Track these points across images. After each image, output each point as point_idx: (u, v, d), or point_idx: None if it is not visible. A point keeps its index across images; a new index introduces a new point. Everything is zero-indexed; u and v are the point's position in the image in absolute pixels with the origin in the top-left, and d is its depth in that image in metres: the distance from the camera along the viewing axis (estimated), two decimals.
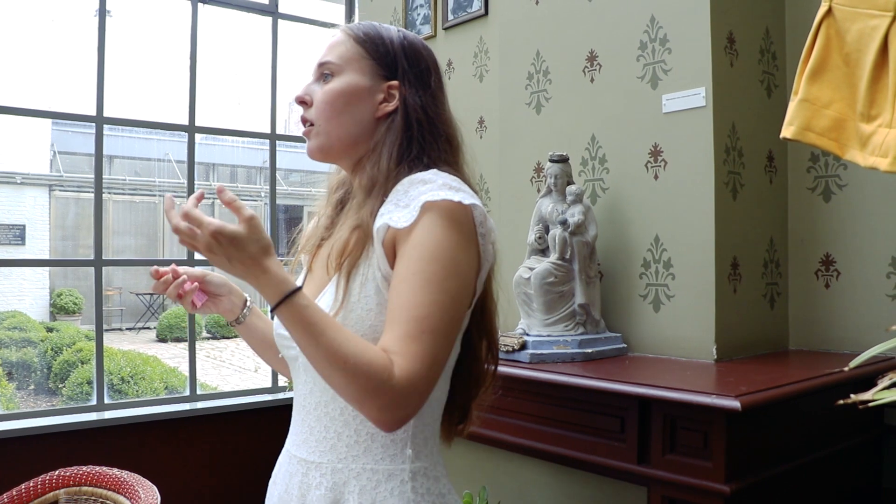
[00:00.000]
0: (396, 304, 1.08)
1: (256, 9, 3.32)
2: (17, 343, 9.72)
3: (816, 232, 2.19)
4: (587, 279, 2.10)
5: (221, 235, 1.01)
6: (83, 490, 1.83)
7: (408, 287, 1.07)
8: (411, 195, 1.13)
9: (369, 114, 1.24)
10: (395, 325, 1.06)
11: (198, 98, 3.10)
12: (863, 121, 1.33)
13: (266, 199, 15.01)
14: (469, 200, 1.12)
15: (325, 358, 1.03)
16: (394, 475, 1.16)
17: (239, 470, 3.00)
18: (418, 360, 1.04)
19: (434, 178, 1.15)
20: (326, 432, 1.19)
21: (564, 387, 1.82)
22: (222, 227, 1.01)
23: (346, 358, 1.01)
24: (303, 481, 1.20)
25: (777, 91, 2.22)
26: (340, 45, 1.26)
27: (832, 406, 1.19)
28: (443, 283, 1.08)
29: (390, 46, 1.26)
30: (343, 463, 1.17)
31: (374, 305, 1.14)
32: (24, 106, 2.86)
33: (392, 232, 1.12)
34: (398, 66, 1.25)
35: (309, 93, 1.26)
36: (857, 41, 1.33)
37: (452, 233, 1.10)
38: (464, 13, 3.05)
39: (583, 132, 2.31)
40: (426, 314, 1.06)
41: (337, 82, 1.24)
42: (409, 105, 1.23)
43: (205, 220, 1.02)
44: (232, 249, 1.02)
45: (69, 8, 16.08)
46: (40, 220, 14.74)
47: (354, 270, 1.16)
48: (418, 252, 1.09)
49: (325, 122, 1.24)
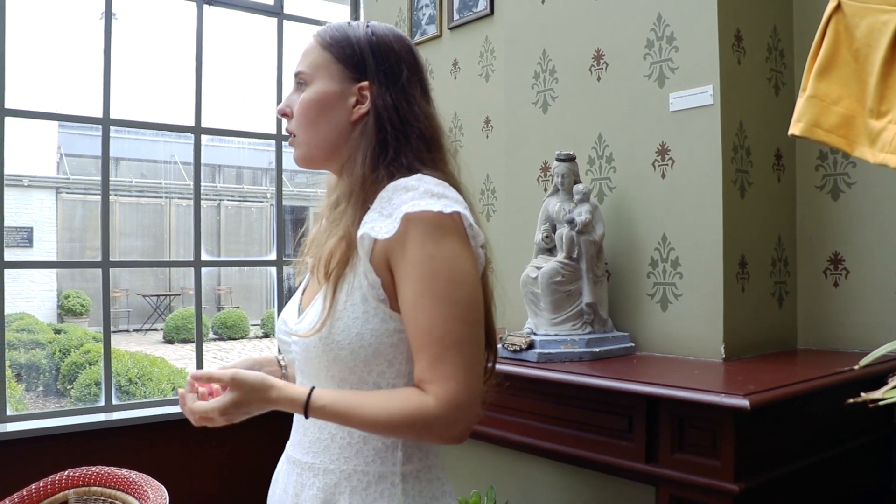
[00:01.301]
0: (415, 331, 1.11)
1: (261, 10, 3.33)
2: (26, 345, 9.76)
3: (825, 230, 2.18)
4: (594, 278, 2.09)
5: (229, 409, 1.11)
6: (92, 490, 1.83)
7: (419, 311, 1.09)
8: (394, 203, 1.13)
9: (345, 118, 1.23)
10: (420, 353, 1.10)
11: (203, 99, 3.11)
12: (872, 117, 1.32)
13: (272, 201, 15.06)
14: (451, 208, 1.12)
15: (368, 430, 1.13)
16: (384, 477, 1.18)
17: (246, 470, 3.00)
18: (452, 379, 1.07)
19: (417, 184, 1.14)
20: (321, 434, 1.21)
21: (572, 386, 1.82)
22: (223, 403, 1.11)
23: (386, 423, 1.08)
24: (297, 481, 1.22)
25: (785, 89, 2.21)
26: (311, 52, 1.27)
27: (841, 405, 1.18)
28: (452, 296, 1.09)
29: (356, 47, 1.24)
30: (335, 464, 1.19)
31: (360, 314, 1.15)
32: (31, 108, 2.87)
33: (379, 243, 1.12)
34: (366, 65, 1.23)
35: (289, 104, 1.28)
36: (867, 36, 1.32)
37: (444, 243, 1.10)
38: (469, 13, 3.05)
39: (590, 131, 2.30)
40: (445, 331, 1.08)
41: (309, 92, 1.24)
42: (379, 106, 1.22)
43: (208, 408, 1.11)
44: (243, 409, 1.12)
45: (75, 11, 16.14)
46: (47, 223, 14.79)
47: (341, 280, 1.17)
48: (418, 272, 1.09)
49: (302, 132, 1.25)
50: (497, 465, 2.13)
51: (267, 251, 14.74)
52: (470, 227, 1.15)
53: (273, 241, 3.45)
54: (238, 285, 16.62)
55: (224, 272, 16.56)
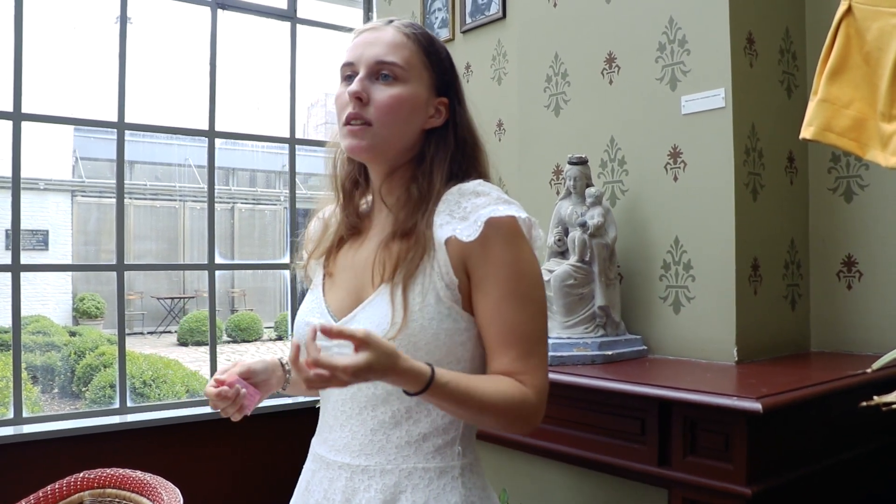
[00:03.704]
0: (503, 328, 1.16)
1: (275, 14, 3.35)
2: (42, 347, 9.82)
3: (838, 233, 2.17)
4: (607, 281, 2.10)
5: (361, 369, 0.99)
6: (107, 492, 1.85)
7: (508, 309, 1.15)
8: (466, 207, 1.17)
9: (419, 125, 1.25)
10: (510, 349, 1.15)
11: (217, 103, 3.13)
12: (884, 120, 1.32)
13: (286, 203, 15.11)
14: (524, 214, 1.19)
15: (477, 414, 1.13)
16: (445, 472, 1.20)
17: (261, 472, 3.01)
18: (541, 370, 1.17)
19: (487, 189, 1.20)
20: (374, 435, 1.20)
21: (584, 389, 1.82)
22: (357, 363, 0.98)
23: (495, 406, 1.11)
24: (347, 486, 1.20)
25: (797, 91, 2.20)
26: (404, 47, 1.23)
27: (855, 408, 1.18)
28: (533, 296, 1.17)
29: (445, 60, 1.28)
30: (393, 464, 1.19)
31: (434, 314, 1.16)
32: (47, 113, 2.89)
33: (458, 244, 1.15)
34: (448, 80, 1.28)
35: (366, 90, 1.21)
36: (878, 40, 1.32)
37: (524, 247, 1.18)
38: (482, 16, 3.05)
39: (602, 134, 2.30)
40: (532, 329, 1.16)
41: (404, 90, 1.21)
42: (459, 122, 1.27)
43: (339, 366, 0.98)
44: (372, 373, 1.00)
45: (91, 15, 16.26)
46: (63, 226, 14.89)
47: (412, 281, 1.17)
48: (504, 273, 1.15)
49: (383, 126, 1.21)
50: (509, 468, 2.13)
51: (280, 254, 14.79)
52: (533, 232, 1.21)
53: (287, 244, 3.46)
54: (252, 288, 16.69)
55: (238, 275, 16.63)
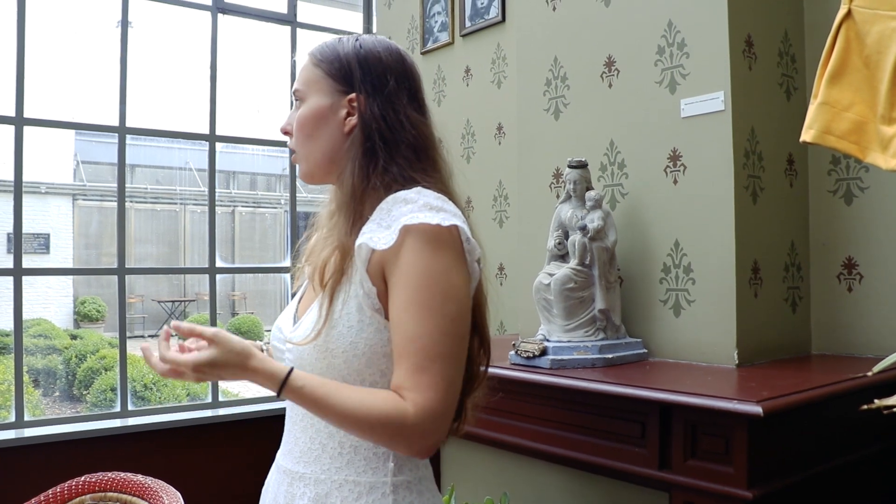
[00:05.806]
0: (400, 338, 1.10)
1: (275, 18, 3.36)
2: (43, 350, 9.82)
3: (838, 235, 2.17)
4: (607, 284, 2.10)
5: (201, 365, 1.06)
6: (108, 496, 1.85)
7: (408, 318, 1.10)
8: (393, 215, 1.14)
9: (339, 132, 1.25)
10: (402, 360, 1.09)
11: (218, 107, 3.13)
12: (883, 123, 1.32)
13: (286, 207, 15.10)
14: (449, 221, 1.12)
15: (340, 422, 1.09)
16: (375, 487, 1.17)
17: (261, 476, 3.00)
18: (431, 389, 1.07)
19: (416, 197, 1.15)
20: (311, 443, 1.21)
21: (585, 392, 1.82)
22: (198, 358, 1.07)
23: (359, 417, 1.06)
24: (288, 491, 1.23)
25: (797, 94, 2.20)
26: (304, 70, 1.30)
27: (856, 411, 1.18)
28: (441, 308, 1.10)
29: (344, 60, 1.26)
30: (326, 474, 1.19)
31: (355, 323, 1.16)
32: (48, 118, 2.90)
33: (376, 253, 1.13)
34: (353, 77, 1.25)
35: (290, 122, 1.30)
36: (878, 43, 1.32)
37: (439, 255, 1.11)
38: (481, 20, 3.06)
39: (601, 137, 2.31)
40: (431, 342, 1.08)
41: (304, 108, 1.27)
42: (366, 116, 1.23)
43: (181, 360, 1.07)
44: (217, 370, 1.07)
45: (92, 20, 16.28)
46: (64, 229, 14.90)
47: (337, 288, 1.17)
48: (411, 281, 1.10)
49: (300, 147, 1.28)
50: (510, 472, 2.13)
51: (281, 257, 14.79)
52: (467, 241, 1.15)
53: (287, 248, 3.47)
54: (252, 291, 16.67)
55: (238, 278, 16.63)
